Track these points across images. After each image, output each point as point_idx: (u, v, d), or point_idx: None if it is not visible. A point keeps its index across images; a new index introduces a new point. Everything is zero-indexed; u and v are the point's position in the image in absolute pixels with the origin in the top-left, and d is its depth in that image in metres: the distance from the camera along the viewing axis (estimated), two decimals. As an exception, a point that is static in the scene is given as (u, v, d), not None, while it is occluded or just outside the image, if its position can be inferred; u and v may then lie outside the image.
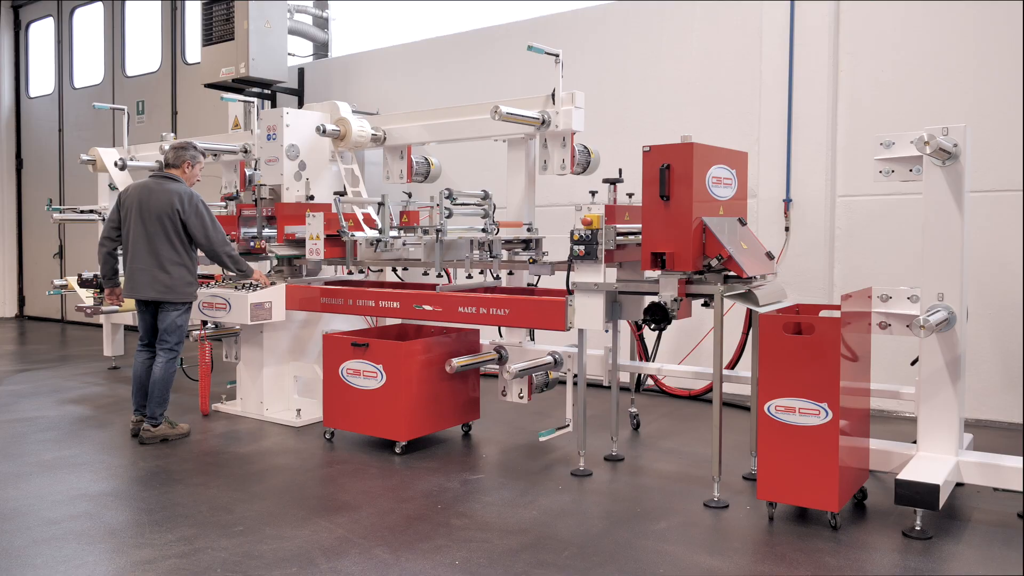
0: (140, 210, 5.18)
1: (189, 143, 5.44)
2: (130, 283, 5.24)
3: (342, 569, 3.28)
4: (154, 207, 5.15)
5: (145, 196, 5.20)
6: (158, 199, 5.16)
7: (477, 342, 5.29)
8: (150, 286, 5.17)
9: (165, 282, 5.17)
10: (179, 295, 5.21)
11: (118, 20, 11.92)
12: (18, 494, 4.24)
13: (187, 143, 5.44)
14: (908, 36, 5.93)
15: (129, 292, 5.27)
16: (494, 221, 4.97)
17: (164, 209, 5.14)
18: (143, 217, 5.17)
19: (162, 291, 5.18)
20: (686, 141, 3.98)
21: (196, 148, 5.42)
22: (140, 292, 5.21)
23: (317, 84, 9.39)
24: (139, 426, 5.33)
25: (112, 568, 3.32)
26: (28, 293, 13.54)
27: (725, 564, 3.36)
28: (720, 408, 4.03)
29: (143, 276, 5.17)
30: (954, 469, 3.77)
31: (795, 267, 6.24)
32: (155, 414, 5.25)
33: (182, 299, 5.24)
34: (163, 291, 5.18)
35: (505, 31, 7.88)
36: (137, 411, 5.38)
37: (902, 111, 5.88)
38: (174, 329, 5.28)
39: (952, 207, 3.85)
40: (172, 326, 5.27)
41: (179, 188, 5.21)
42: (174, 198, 5.14)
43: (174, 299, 5.21)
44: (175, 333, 5.29)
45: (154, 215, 5.14)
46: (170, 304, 5.23)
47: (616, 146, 5.99)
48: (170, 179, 5.28)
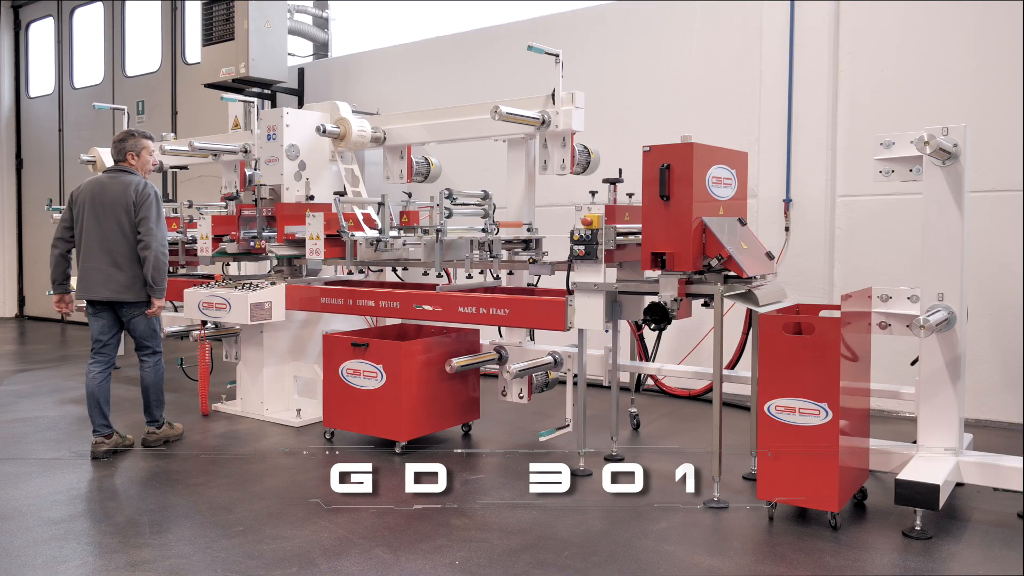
0: (93, 205, 4.84)
1: (128, 132, 5.06)
2: (83, 283, 4.87)
3: (342, 569, 3.28)
4: (107, 201, 4.81)
5: (98, 191, 4.86)
6: (111, 192, 4.83)
7: (477, 342, 5.28)
8: (103, 285, 4.81)
9: (121, 280, 4.80)
10: (136, 294, 4.85)
11: (118, 20, 11.91)
12: (18, 494, 4.24)
13: (126, 133, 5.04)
14: (908, 36, 5.93)
15: (82, 292, 4.87)
16: (494, 221, 4.97)
17: (118, 201, 4.80)
18: (96, 212, 4.82)
19: (117, 290, 4.81)
20: (686, 141, 3.98)
21: (135, 135, 5.01)
22: (93, 292, 4.83)
23: (317, 84, 9.39)
24: (99, 449, 4.87)
25: (112, 568, 3.32)
26: (28, 293, 13.54)
27: (725, 564, 3.36)
28: (720, 408, 4.03)
29: (96, 275, 4.82)
30: (954, 469, 3.77)
31: (795, 267, 6.24)
32: (156, 417, 5.10)
33: (141, 298, 4.86)
34: (118, 290, 4.81)
35: (505, 31, 7.88)
36: (97, 431, 4.90)
37: (902, 111, 5.88)
38: (149, 333, 5.00)
39: (952, 207, 3.85)
40: (147, 331, 4.98)
41: (135, 179, 4.88)
42: (128, 189, 4.81)
43: (131, 299, 4.84)
44: (151, 337, 5.01)
45: (108, 209, 4.80)
46: (131, 306, 4.88)
47: (616, 146, 5.99)
48: (123, 171, 4.93)
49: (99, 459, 4.87)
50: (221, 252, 6.13)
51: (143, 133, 5.08)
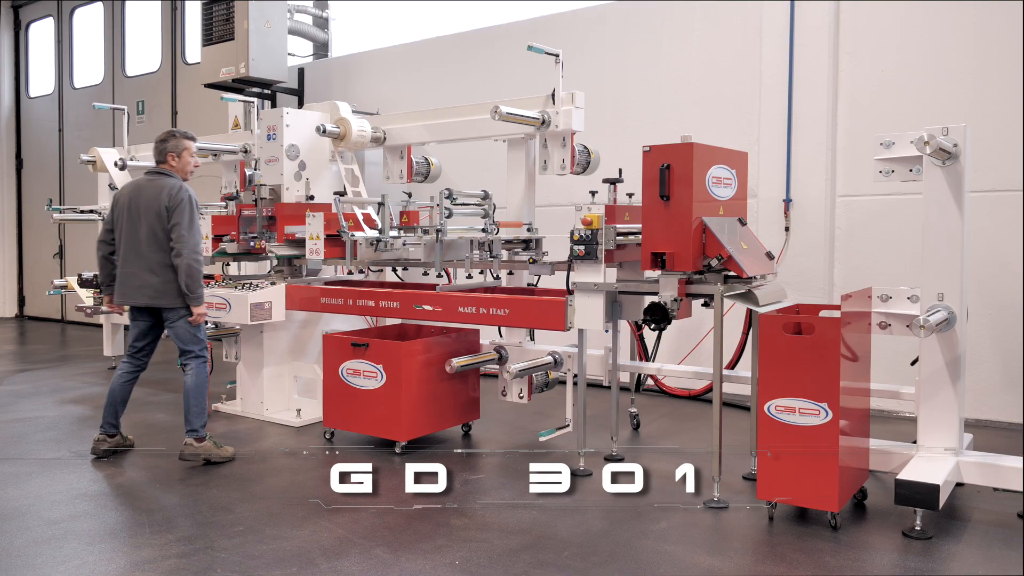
0: (129, 209, 4.78)
1: (170, 132, 4.96)
2: (120, 288, 4.83)
3: (342, 569, 3.28)
4: (143, 206, 4.74)
5: (135, 195, 4.80)
6: (146, 196, 4.75)
7: (477, 342, 5.28)
8: (139, 291, 4.75)
9: (156, 286, 4.72)
10: (171, 300, 4.74)
11: (118, 20, 11.92)
12: (18, 494, 4.24)
13: (167, 133, 4.95)
14: (908, 36, 5.93)
15: (120, 299, 4.85)
16: (494, 221, 4.97)
17: (152, 206, 4.71)
18: (132, 217, 4.76)
19: (153, 296, 4.73)
20: (686, 141, 3.98)
21: (177, 135, 4.92)
22: (130, 298, 4.79)
23: (317, 84, 9.39)
24: (99, 447, 4.85)
25: (112, 568, 3.32)
26: (28, 293, 13.54)
27: (725, 564, 3.36)
28: (720, 408, 4.03)
29: (132, 280, 4.76)
30: (954, 469, 3.76)
31: (795, 267, 6.24)
32: (195, 427, 4.75)
33: (178, 304, 4.75)
34: (154, 296, 4.73)
35: (505, 31, 7.88)
36: (103, 427, 4.88)
37: (902, 111, 5.88)
38: (189, 338, 4.79)
39: (952, 207, 3.85)
40: (186, 336, 4.78)
41: (171, 183, 4.78)
42: (162, 193, 4.71)
43: (167, 304, 4.74)
44: (192, 342, 4.81)
45: (142, 214, 4.73)
46: (169, 311, 4.77)
47: (616, 146, 5.99)
48: (162, 175, 4.84)
49: (99, 457, 4.86)
50: (221, 252, 6.13)
51: (185, 133, 4.97)
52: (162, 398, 6.64)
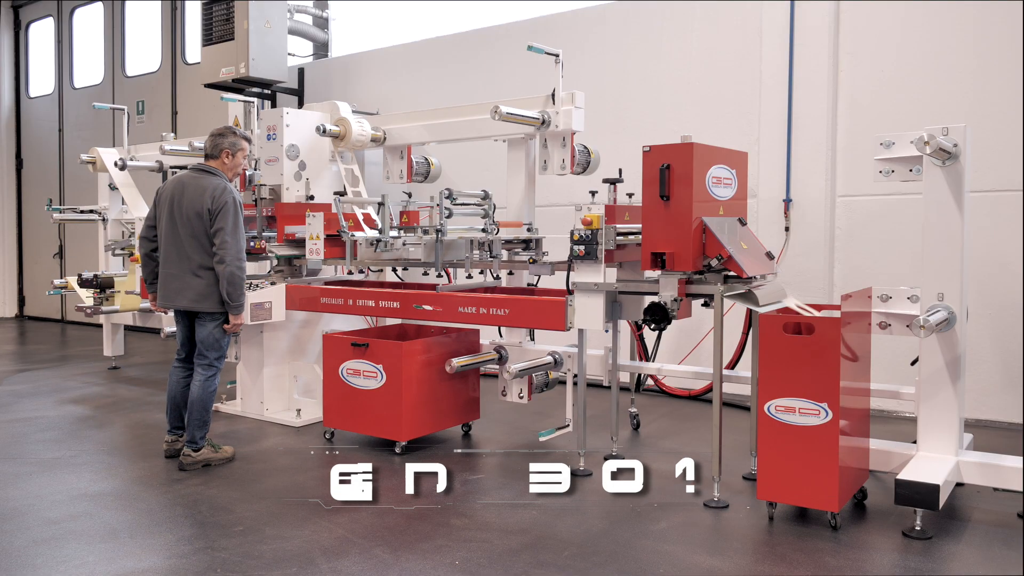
0: (172, 208, 4.62)
1: (228, 128, 4.82)
2: (162, 291, 4.71)
3: (342, 569, 3.28)
4: (186, 205, 4.58)
5: (178, 193, 4.63)
6: (189, 195, 4.59)
7: (477, 342, 5.28)
8: (181, 294, 4.62)
9: (198, 289, 4.59)
10: (213, 305, 4.62)
11: (118, 20, 11.91)
12: (18, 494, 4.24)
13: (225, 129, 4.81)
14: (908, 36, 5.93)
15: (162, 301, 4.73)
16: (494, 221, 4.97)
17: (194, 207, 4.56)
18: (174, 216, 4.61)
19: (194, 299, 4.60)
20: (686, 141, 3.98)
21: (236, 133, 4.79)
22: (172, 301, 4.68)
23: (317, 84, 9.39)
24: (173, 447, 4.84)
25: (112, 568, 3.32)
26: (28, 293, 13.54)
27: (725, 564, 3.36)
28: (720, 408, 4.04)
29: (174, 283, 4.64)
30: (954, 469, 3.77)
31: (795, 267, 6.24)
32: (195, 437, 4.67)
33: (219, 308, 4.64)
34: (195, 299, 4.60)
35: (505, 31, 7.88)
36: (171, 431, 4.87)
37: (902, 111, 5.88)
38: (212, 343, 4.69)
39: (952, 207, 3.85)
40: (210, 339, 4.68)
41: (215, 182, 4.62)
42: (205, 194, 4.55)
43: (207, 309, 4.62)
44: (213, 348, 4.71)
45: (185, 214, 4.57)
46: (206, 314, 4.66)
47: (616, 146, 5.99)
48: (207, 173, 4.68)
49: (172, 458, 4.80)
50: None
51: (244, 134, 4.86)
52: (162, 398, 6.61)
